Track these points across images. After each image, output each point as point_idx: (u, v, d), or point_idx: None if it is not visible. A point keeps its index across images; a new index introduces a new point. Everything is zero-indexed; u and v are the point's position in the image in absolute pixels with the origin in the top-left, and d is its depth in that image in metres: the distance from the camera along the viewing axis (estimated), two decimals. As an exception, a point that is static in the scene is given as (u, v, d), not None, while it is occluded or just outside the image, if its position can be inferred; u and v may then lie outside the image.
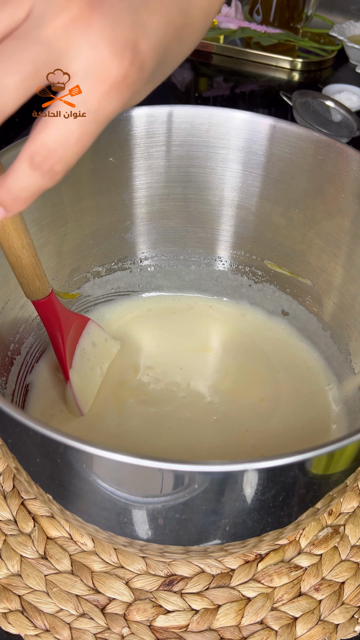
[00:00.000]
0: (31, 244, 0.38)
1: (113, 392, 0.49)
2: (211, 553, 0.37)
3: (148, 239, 0.54)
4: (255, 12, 0.96)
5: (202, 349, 0.53)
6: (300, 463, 0.29)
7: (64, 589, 0.41)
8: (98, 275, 0.54)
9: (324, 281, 0.51)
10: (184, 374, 0.51)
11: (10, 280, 0.43)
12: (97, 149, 0.48)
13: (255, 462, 0.28)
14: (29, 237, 0.37)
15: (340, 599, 0.42)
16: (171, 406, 0.48)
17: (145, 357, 0.52)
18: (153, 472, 0.28)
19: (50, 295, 0.42)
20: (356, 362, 0.48)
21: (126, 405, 0.48)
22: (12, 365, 0.47)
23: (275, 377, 0.51)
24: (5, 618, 0.40)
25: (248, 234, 0.53)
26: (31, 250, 0.38)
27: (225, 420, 0.48)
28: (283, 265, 0.53)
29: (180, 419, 0.47)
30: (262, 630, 0.40)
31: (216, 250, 0.55)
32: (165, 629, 0.40)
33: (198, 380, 0.50)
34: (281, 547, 0.43)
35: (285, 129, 0.47)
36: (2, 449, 0.36)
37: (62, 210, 0.49)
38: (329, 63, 0.95)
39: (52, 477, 0.33)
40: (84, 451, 0.28)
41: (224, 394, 0.50)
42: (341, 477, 0.33)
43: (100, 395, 0.49)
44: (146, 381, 0.50)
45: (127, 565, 0.42)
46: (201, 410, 0.48)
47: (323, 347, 0.52)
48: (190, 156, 0.50)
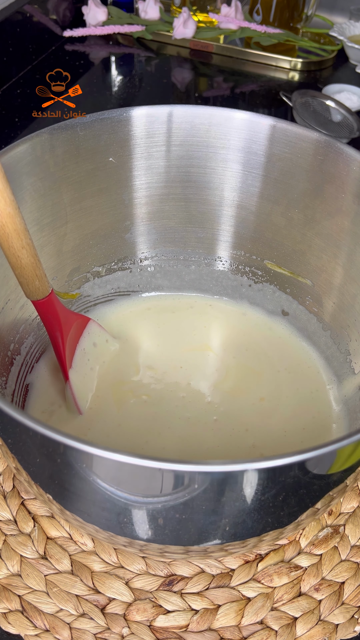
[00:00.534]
0: (31, 244, 0.38)
1: (113, 392, 0.49)
2: (211, 553, 0.37)
3: (148, 239, 0.54)
4: (255, 12, 0.96)
5: (202, 348, 0.53)
6: (300, 463, 0.29)
7: (64, 589, 0.41)
8: (98, 275, 0.54)
9: (324, 281, 0.51)
10: (184, 374, 0.51)
11: (10, 280, 0.43)
12: (97, 149, 0.48)
13: (255, 462, 0.28)
14: (28, 237, 0.37)
15: (340, 599, 0.42)
16: (171, 406, 0.48)
17: (145, 356, 0.52)
18: (153, 472, 0.28)
19: (50, 296, 0.42)
20: (356, 362, 0.48)
21: (126, 405, 0.48)
22: (12, 365, 0.47)
23: (275, 377, 0.51)
24: (5, 618, 0.40)
25: (248, 234, 0.53)
26: (31, 251, 0.38)
27: (225, 419, 0.48)
28: (283, 265, 0.53)
29: (180, 419, 0.48)
30: (262, 630, 0.40)
31: (216, 250, 0.55)
32: (165, 629, 0.40)
33: (198, 380, 0.50)
34: (281, 547, 0.43)
35: (285, 129, 0.47)
36: (2, 449, 0.36)
37: (62, 210, 0.49)
38: (329, 63, 0.95)
39: (52, 477, 0.33)
40: (84, 451, 0.28)
41: (224, 394, 0.50)
42: (341, 477, 0.33)
43: (100, 395, 0.49)
44: (146, 381, 0.50)
45: (127, 565, 0.42)
46: (201, 409, 0.48)
47: (323, 347, 0.52)
48: (190, 156, 0.50)
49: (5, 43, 0.87)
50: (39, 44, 0.93)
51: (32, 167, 0.45)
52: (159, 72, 0.94)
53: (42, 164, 0.46)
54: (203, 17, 0.98)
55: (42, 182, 0.46)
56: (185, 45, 0.96)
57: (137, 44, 0.98)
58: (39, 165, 0.45)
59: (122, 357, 0.52)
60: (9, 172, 0.42)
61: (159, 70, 0.94)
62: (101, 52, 0.96)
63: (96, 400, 0.48)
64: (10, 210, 0.35)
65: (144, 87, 0.91)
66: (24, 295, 0.42)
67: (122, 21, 0.97)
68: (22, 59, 0.89)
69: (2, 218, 0.35)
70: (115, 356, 0.51)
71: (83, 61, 0.93)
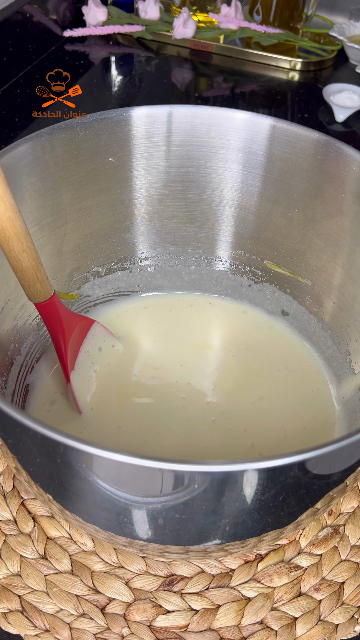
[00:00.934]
0: (32, 248, 0.38)
1: (112, 392, 0.49)
2: (211, 553, 0.37)
3: (148, 239, 0.54)
4: (255, 12, 0.96)
5: (202, 346, 0.53)
6: (300, 463, 0.29)
7: (64, 589, 0.41)
8: (98, 275, 0.54)
9: (324, 281, 0.51)
10: (184, 373, 0.51)
11: (10, 280, 0.43)
12: (97, 149, 0.48)
13: (255, 462, 0.28)
14: (29, 240, 0.37)
15: (340, 599, 0.42)
16: (171, 406, 0.48)
17: (144, 356, 0.52)
18: (153, 472, 0.28)
19: (52, 298, 0.42)
20: (356, 362, 0.48)
21: (126, 404, 0.48)
22: (12, 365, 0.47)
23: (275, 376, 0.51)
24: (5, 618, 0.40)
25: (248, 234, 0.53)
26: (31, 254, 0.38)
27: (225, 419, 0.48)
28: (283, 265, 0.53)
29: (180, 419, 0.48)
30: (262, 630, 0.40)
31: (216, 250, 0.55)
32: (165, 629, 0.40)
33: (198, 379, 0.50)
34: (281, 547, 0.43)
35: (285, 129, 0.47)
36: (2, 449, 0.36)
37: (62, 210, 0.49)
38: (329, 63, 0.95)
39: (52, 477, 0.33)
40: (84, 451, 0.28)
41: (224, 393, 0.50)
42: (341, 477, 0.33)
43: (100, 394, 0.49)
44: (146, 380, 0.50)
45: (127, 565, 0.42)
46: (201, 409, 0.48)
47: (323, 347, 0.52)
48: (190, 156, 0.50)
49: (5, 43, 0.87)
50: (39, 44, 0.93)
51: (32, 167, 0.45)
52: (159, 72, 0.94)
53: (42, 164, 0.46)
54: (203, 17, 0.98)
55: (42, 182, 0.46)
56: (185, 45, 0.96)
57: (137, 44, 0.98)
58: (39, 165, 0.45)
59: (122, 357, 0.52)
60: (9, 172, 0.42)
61: (158, 70, 0.94)
62: (101, 52, 0.96)
63: (96, 400, 0.48)
64: (10, 214, 0.35)
65: (144, 87, 0.91)
66: (24, 295, 0.42)
67: (122, 21, 0.97)
68: (22, 59, 0.89)
69: (2, 222, 0.35)
70: (116, 356, 0.51)
71: (83, 61, 0.93)
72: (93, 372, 0.49)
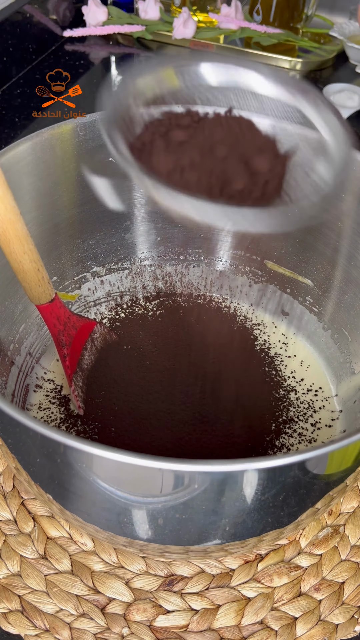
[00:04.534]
0: (33, 250, 0.38)
1: (112, 392, 0.49)
2: (211, 553, 0.37)
3: (148, 239, 0.54)
4: (255, 12, 0.96)
5: (202, 346, 0.53)
6: (300, 463, 0.29)
7: (64, 589, 0.41)
8: (98, 275, 0.54)
9: (324, 281, 0.51)
10: (184, 373, 0.51)
11: (11, 281, 0.43)
12: (97, 149, 0.48)
13: (255, 462, 0.28)
14: (30, 242, 0.37)
15: (340, 599, 0.41)
16: (171, 406, 0.48)
17: (145, 356, 0.52)
18: (153, 472, 0.28)
19: (54, 300, 0.42)
20: (356, 362, 0.48)
21: (127, 404, 0.48)
22: (12, 365, 0.47)
23: (275, 377, 0.51)
24: (5, 618, 0.40)
25: (248, 234, 0.53)
26: (33, 256, 0.38)
27: (224, 419, 0.48)
28: (283, 265, 0.53)
29: (181, 419, 0.47)
30: (262, 630, 0.40)
31: (216, 250, 0.55)
32: (165, 629, 0.40)
33: (198, 379, 0.50)
34: (281, 547, 0.43)
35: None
36: (2, 449, 0.36)
37: (62, 210, 0.49)
38: (329, 63, 0.95)
39: (52, 477, 0.33)
40: (84, 451, 0.28)
41: (224, 393, 0.49)
42: (341, 477, 0.33)
43: (100, 394, 0.49)
44: (145, 380, 0.50)
45: (127, 565, 0.42)
46: (201, 409, 0.48)
47: (323, 347, 0.52)
48: (190, 156, 0.50)
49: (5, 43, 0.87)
50: (39, 44, 0.93)
51: (32, 167, 0.45)
52: (159, 72, 0.93)
53: (42, 164, 0.46)
54: (203, 17, 0.98)
55: (42, 182, 0.46)
56: (186, 45, 0.96)
57: (137, 44, 0.98)
58: (39, 165, 0.45)
59: (121, 357, 0.52)
60: (8, 172, 0.42)
61: (159, 70, 0.94)
62: (101, 52, 0.96)
63: (96, 400, 0.48)
64: (11, 217, 0.35)
65: (144, 87, 0.91)
66: (24, 296, 0.42)
67: (122, 21, 0.97)
68: (22, 59, 0.89)
69: (3, 224, 0.35)
70: (116, 357, 0.51)
71: (83, 61, 0.93)
72: (94, 372, 0.49)
